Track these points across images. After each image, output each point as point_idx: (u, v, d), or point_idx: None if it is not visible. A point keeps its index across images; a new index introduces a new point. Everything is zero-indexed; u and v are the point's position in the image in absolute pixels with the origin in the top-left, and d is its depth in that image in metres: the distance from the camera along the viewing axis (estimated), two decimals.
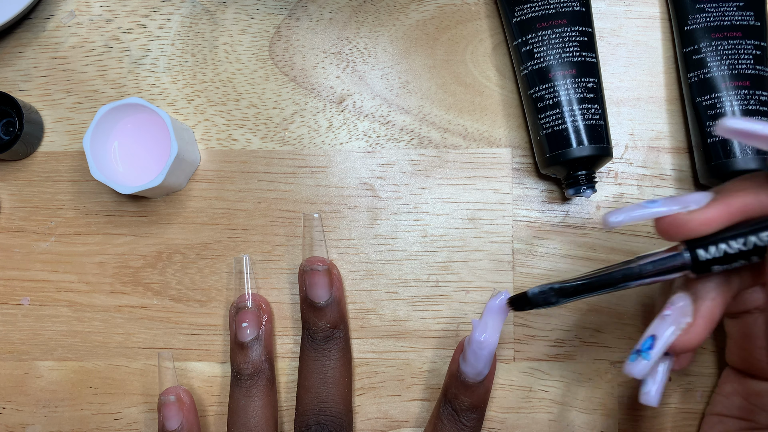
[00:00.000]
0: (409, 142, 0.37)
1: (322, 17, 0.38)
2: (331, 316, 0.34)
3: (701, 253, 0.24)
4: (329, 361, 0.33)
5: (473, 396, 0.31)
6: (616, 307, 0.36)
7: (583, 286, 0.26)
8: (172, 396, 0.33)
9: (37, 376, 0.36)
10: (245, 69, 0.38)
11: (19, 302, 0.37)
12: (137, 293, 0.37)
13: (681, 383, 0.36)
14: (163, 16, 0.38)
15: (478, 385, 0.31)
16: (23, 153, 0.37)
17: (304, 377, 0.33)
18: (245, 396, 0.33)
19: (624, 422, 0.35)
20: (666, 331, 0.26)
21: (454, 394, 0.32)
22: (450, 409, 0.32)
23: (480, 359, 0.30)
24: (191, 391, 0.35)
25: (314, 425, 0.32)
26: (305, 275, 0.34)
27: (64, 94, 0.38)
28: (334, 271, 0.35)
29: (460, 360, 0.31)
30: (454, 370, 0.32)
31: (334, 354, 0.34)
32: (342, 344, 0.34)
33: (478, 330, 0.30)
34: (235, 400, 0.33)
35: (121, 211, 0.37)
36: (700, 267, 0.25)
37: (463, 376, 0.31)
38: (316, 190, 0.37)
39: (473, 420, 0.32)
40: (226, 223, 0.37)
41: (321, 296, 0.34)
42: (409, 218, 0.37)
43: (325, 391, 0.33)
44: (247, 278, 0.36)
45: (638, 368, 0.26)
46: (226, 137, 0.38)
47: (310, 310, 0.34)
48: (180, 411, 0.33)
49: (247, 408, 0.33)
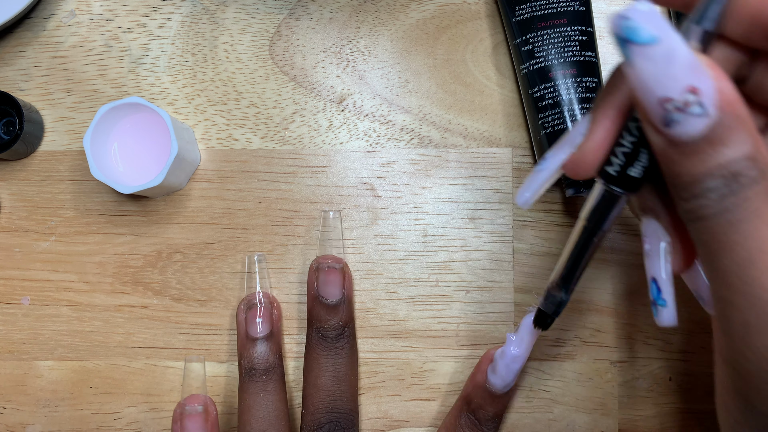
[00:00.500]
0: (409, 142, 0.37)
1: (322, 17, 0.38)
2: (343, 315, 0.34)
3: (609, 170, 0.23)
4: (341, 359, 0.33)
5: (498, 406, 0.32)
6: (616, 307, 0.36)
7: (570, 265, 0.26)
8: (200, 406, 0.31)
9: (37, 375, 0.36)
10: (245, 68, 0.38)
11: (20, 302, 0.37)
12: (137, 293, 0.37)
13: (682, 382, 0.36)
14: (163, 15, 0.38)
15: (503, 396, 0.32)
16: (23, 152, 0.37)
17: (315, 375, 0.33)
18: (262, 390, 0.32)
19: (624, 422, 0.35)
20: (660, 270, 0.24)
21: (479, 404, 0.32)
22: (472, 417, 0.32)
23: (511, 372, 0.31)
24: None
25: (327, 423, 0.32)
26: (319, 272, 0.34)
27: (64, 93, 0.38)
28: (347, 270, 0.35)
29: (489, 371, 0.32)
30: (481, 380, 0.32)
31: (345, 352, 0.34)
32: (351, 342, 0.34)
33: (514, 344, 0.31)
34: (252, 395, 0.32)
35: (121, 210, 0.37)
36: (623, 183, 0.23)
37: (490, 387, 0.32)
38: (316, 190, 0.37)
39: (494, 429, 0.33)
40: (227, 222, 0.37)
41: (335, 294, 0.34)
42: (409, 218, 0.37)
43: (338, 388, 0.33)
44: (260, 275, 0.36)
45: (665, 317, 0.25)
46: (227, 137, 0.38)
47: (322, 308, 0.34)
48: (205, 424, 0.31)
49: (266, 402, 0.32)
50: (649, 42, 0.18)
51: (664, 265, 0.24)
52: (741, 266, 0.18)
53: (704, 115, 0.18)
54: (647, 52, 0.18)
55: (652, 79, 0.18)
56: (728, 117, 0.18)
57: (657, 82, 0.18)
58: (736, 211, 0.18)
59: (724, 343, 0.20)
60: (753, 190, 0.18)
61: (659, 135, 0.20)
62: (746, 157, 0.18)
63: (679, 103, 0.18)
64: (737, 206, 0.18)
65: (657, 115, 0.19)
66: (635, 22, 0.18)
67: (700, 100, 0.18)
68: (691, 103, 0.18)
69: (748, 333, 0.18)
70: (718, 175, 0.18)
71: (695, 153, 0.19)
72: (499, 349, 0.32)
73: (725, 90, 0.19)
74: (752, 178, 0.18)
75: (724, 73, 0.19)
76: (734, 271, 0.19)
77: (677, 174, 0.20)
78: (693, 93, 0.18)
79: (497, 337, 0.36)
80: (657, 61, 0.18)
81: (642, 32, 0.18)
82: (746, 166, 0.18)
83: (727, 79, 0.19)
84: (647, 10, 0.18)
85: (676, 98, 0.18)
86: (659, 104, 0.19)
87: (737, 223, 0.18)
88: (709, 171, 0.19)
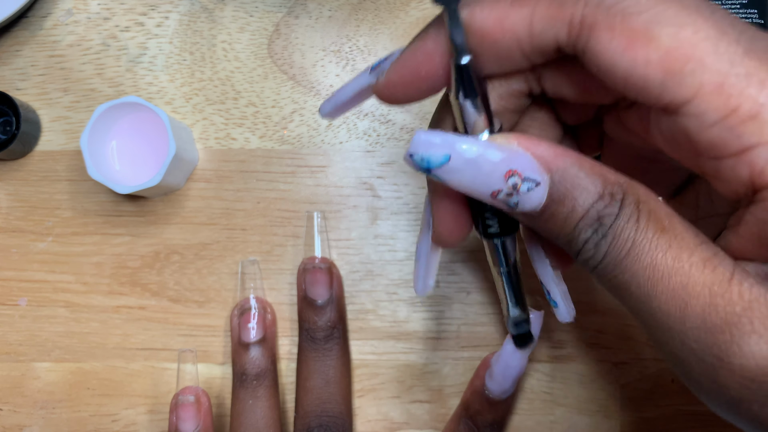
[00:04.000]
0: (409, 141, 0.37)
1: (321, 15, 0.38)
2: (331, 315, 0.33)
3: (489, 230, 0.22)
4: (330, 361, 0.33)
5: (496, 413, 0.32)
6: (618, 308, 0.36)
7: (511, 294, 0.25)
8: (191, 396, 0.32)
9: (34, 377, 0.36)
10: (244, 67, 0.38)
11: (16, 303, 0.37)
12: (135, 294, 0.36)
13: (683, 385, 0.35)
14: (161, 14, 0.38)
15: (502, 402, 0.32)
16: (20, 152, 0.37)
17: (304, 378, 0.33)
18: (252, 397, 0.32)
19: (626, 424, 0.35)
20: (545, 274, 0.24)
21: (477, 410, 0.32)
22: (471, 424, 0.32)
23: (508, 379, 0.31)
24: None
25: (316, 427, 0.32)
26: (305, 274, 0.34)
27: (61, 92, 0.38)
28: (334, 270, 0.35)
29: (486, 377, 0.31)
30: (478, 386, 0.32)
31: (335, 353, 0.33)
32: (342, 343, 0.34)
33: (510, 351, 0.30)
34: (241, 401, 0.33)
35: (118, 210, 0.37)
36: (505, 231, 0.22)
37: (488, 393, 0.31)
38: (315, 190, 0.37)
39: None
40: (225, 223, 0.37)
41: (321, 294, 0.33)
42: (409, 218, 0.37)
43: (327, 391, 0.33)
44: (253, 280, 0.35)
45: (560, 315, 0.25)
46: (225, 136, 0.37)
47: (310, 309, 0.33)
48: (198, 414, 0.32)
49: (255, 409, 0.32)
50: (444, 162, 0.18)
51: (546, 268, 0.24)
52: (643, 302, 0.18)
53: (536, 184, 0.18)
54: (450, 169, 0.19)
55: (470, 184, 0.19)
56: (560, 172, 0.18)
57: (476, 184, 0.19)
58: (613, 252, 0.18)
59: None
60: (618, 226, 0.18)
61: (515, 214, 0.20)
62: (597, 197, 0.18)
63: (507, 190, 0.18)
64: (612, 247, 0.18)
65: (498, 204, 0.19)
66: (422, 154, 0.18)
67: (524, 177, 0.18)
68: (518, 184, 0.18)
69: (681, 364, 0.18)
70: (584, 226, 0.18)
71: (553, 217, 0.19)
72: (495, 354, 0.31)
73: (541, 153, 0.18)
74: (613, 215, 0.18)
75: (531, 136, 0.19)
76: (641, 309, 0.18)
77: (554, 237, 0.19)
78: (514, 175, 0.18)
79: (498, 338, 0.36)
80: (463, 170, 0.18)
81: (433, 158, 0.18)
82: (602, 206, 0.18)
83: (536, 141, 0.19)
84: (425, 138, 0.18)
85: (502, 188, 0.18)
86: (492, 197, 0.19)
87: (620, 262, 0.18)
88: (575, 227, 0.18)
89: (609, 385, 0.35)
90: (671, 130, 0.18)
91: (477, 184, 0.19)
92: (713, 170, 0.18)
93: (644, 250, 0.18)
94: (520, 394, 0.35)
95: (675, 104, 0.17)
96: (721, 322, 0.17)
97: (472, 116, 0.20)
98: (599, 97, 0.21)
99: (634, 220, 0.18)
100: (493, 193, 0.19)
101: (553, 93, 0.22)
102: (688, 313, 0.17)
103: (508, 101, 0.22)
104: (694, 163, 0.19)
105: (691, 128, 0.17)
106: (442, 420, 0.35)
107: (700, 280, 0.17)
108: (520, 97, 0.22)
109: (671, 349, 0.18)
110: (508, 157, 0.18)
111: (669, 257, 0.17)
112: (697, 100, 0.17)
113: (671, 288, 0.17)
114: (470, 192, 0.19)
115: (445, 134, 0.19)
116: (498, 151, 0.18)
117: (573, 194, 0.18)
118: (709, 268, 0.17)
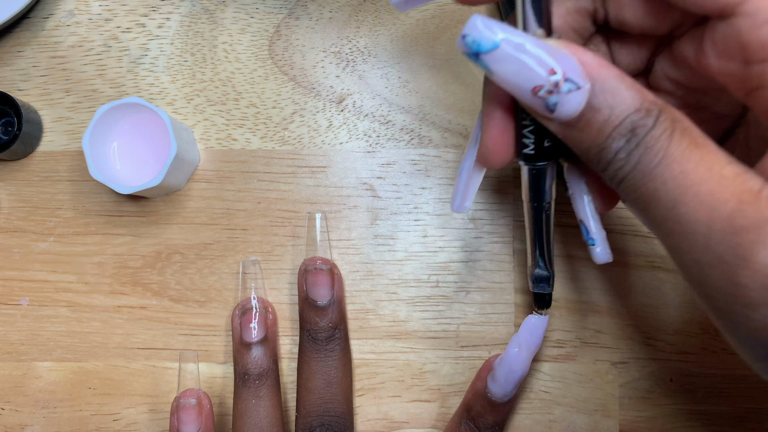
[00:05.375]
0: (409, 142, 0.37)
1: (321, 16, 0.38)
2: (333, 316, 0.34)
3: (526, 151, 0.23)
4: (332, 362, 0.33)
5: (498, 415, 0.32)
6: (617, 308, 0.36)
7: (538, 243, 0.26)
8: (193, 399, 0.32)
9: (35, 376, 0.36)
10: (245, 68, 0.38)
11: (18, 302, 0.37)
12: (136, 293, 0.36)
13: (683, 383, 0.36)
14: (162, 15, 0.38)
15: (503, 404, 0.32)
16: (22, 153, 0.37)
17: (306, 378, 0.33)
18: (254, 396, 0.33)
19: (625, 423, 0.35)
20: (585, 212, 0.25)
21: (478, 412, 0.32)
22: (472, 425, 0.32)
23: (510, 382, 0.31)
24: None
25: (318, 426, 0.32)
26: (307, 274, 0.34)
27: (63, 93, 0.38)
28: (335, 271, 0.35)
29: (489, 379, 0.31)
30: (480, 388, 0.32)
31: (336, 354, 0.33)
32: (343, 344, 0.34)
33: (513, 354, 0.30)
34: (244, 401, 0.33)
35: (120, 211, 0.37)
36: (542, 156, 0.23)
37: (490, 395, 0.31)
38: (315, 190, 0.37)
39: None
40: (226, 223, 0.37)
41: (323, 296, 0.33)
42: (409, 218, 0.37)
43: (329, 391, 0.33)
44: (254, 280, 0.35)
45: (598, 255, 0.25)
46: (226, 137, 0.37)
47: (312, 310, 0.34)
48: (199, 416, 0.32)
49: (258, 408, 0.32)
50: (494, 48, 0.19)
51: (588, 206, 0.25)
52: (670, 209, 0.19)
53: (577, 88, 0.19)
54: (497, 56, 0.19)
55: (514, 76, 0.19)
56: (601, 81, 0.19)
57: (520, 77, 0.19)
58: (645, 160, 0.19)
59: (691, 289, 0.20)
60: (652, 136, 0.19)
61: (550, 121, 0.20)
62: (634, 109, 0.19)
63: (549, 86, 0.19)
64: (644, 156, 0.19)
65: (537, 105, 0.20)
66: (474, 36, 0.19)
67: (567, 77, 0.19)
68: (560, 83, 0.19)
69: (701, 271, 0.19)
70: (618, 135, 0.19)
71: (589, 125, 0.20)
72: (498, 357, 0.31)
73: (587, 60, 0.19)
74: (648, 126, 0.19)
75: (580, 46, 0.20)
76: (667, 217, 0.19)
77: (585, 149, 0.20)
78: (556, 74, 0.19)
79: (498, 338, 0.36)
80: (510, 60, 0.19)
81: (484, 42, 0.19)
82: (638, 117, 0.19)
83: (584, 50, 0.20)
84: (480, 23, 0.19)
85: (544, 84, 0.19)
86: (533, 95, 0.19)
87: (650, 171, 0.19)
88: (608, 136, 0.19)
89: (608, 385, 0.36)
90: (725, 38, 0.19)
91: (521, 77, 0.19)
92: (759, 80, 0.19)
93: (675, 159, 0.19)
94: (519, 393, 0.35)
95: (731, 5, 0.18)
96: (748, 223, 0.17)
97: (531, 17, 0.21)
98: (659, 20, 0.22)
99: (668, 133, 0.19)
100: (534, 88, 0.19)
101: (615, 16, 0.23)
102: (715, 217, 0.18)
103: (574, 19, 0.23)
104: (742, 87, 0.20)
105: (744, 29, 0.19)
106: (442, 419, 0.35)
107: (730, 189, 0.18)
108: (585, 18, 0.23)
109: (693, 256, 0.19)
110: (555, 55, 0.19)
111: (701, 167, 0.18)
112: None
113: (701, 194, 0.18)
114: (513, 87, 0.20)
115: (499, 23, 0.19)
116: (545, 47, 0.19)
117: (611, 103, 0.19)
118: (740, 181, 0.18)
